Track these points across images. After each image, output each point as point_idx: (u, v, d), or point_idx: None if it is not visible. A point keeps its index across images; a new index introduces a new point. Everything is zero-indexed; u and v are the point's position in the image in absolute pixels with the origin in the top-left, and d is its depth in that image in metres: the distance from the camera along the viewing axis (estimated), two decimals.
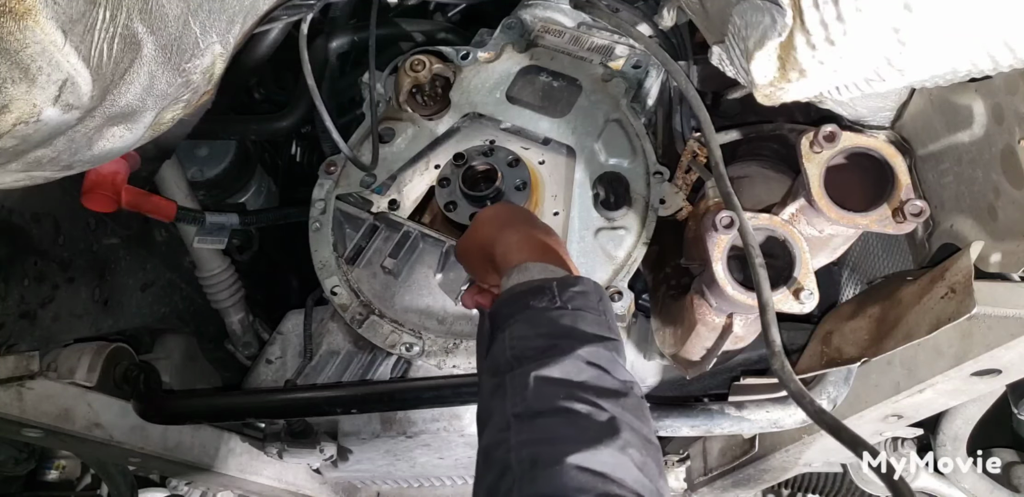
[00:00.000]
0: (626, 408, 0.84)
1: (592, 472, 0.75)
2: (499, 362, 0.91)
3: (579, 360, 0.87)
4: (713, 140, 1.12)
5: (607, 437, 0.79)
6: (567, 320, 0.92)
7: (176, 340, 1.92)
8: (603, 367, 0.88)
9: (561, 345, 0.89)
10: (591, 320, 0.94)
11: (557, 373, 0.85)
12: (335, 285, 1.46)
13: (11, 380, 1.32)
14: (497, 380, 0.89)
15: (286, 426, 1.55)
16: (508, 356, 0.90)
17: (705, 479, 1.88)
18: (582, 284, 0.98)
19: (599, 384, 0.85)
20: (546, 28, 1.55)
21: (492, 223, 1.16)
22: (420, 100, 1.53)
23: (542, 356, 0.87)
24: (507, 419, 0.83)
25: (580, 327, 0.92)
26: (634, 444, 0.80)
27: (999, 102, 1.01)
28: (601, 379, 0.86)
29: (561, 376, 0.85)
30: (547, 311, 0.93)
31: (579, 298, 0.95)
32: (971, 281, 1.01)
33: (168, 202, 1.55)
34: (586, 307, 0.95)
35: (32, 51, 0.74)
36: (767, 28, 0.85)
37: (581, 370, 0.86)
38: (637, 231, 1.38)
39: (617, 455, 0.78)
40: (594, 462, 0.76)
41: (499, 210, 1.23)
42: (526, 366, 0.87)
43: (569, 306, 0.94)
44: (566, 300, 0.94)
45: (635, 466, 0.78)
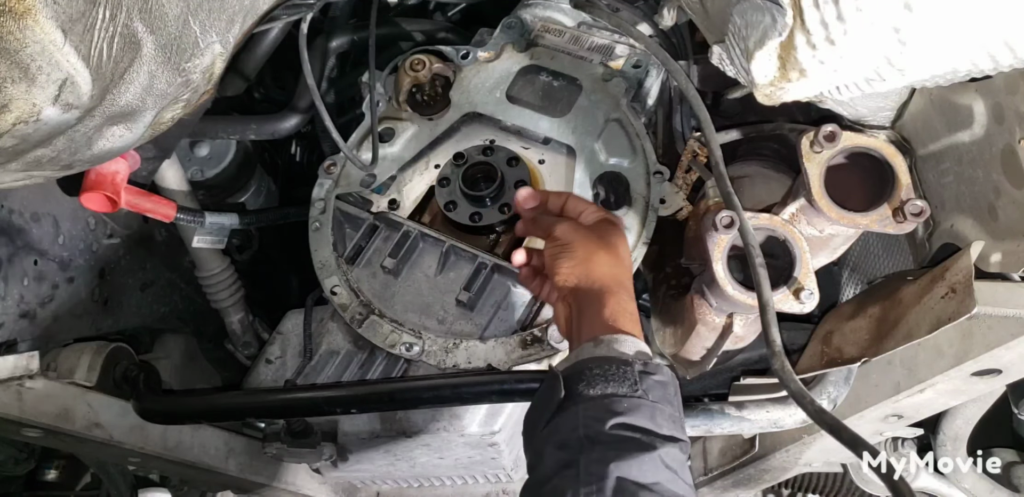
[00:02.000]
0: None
1: None
2: (569, 437, 0.90)
3: (658, 461, 0.86)
4: (713, 140, 1.12)
5: None
6: (646, 413, 0.91)
7: (176, 340, 1.92)
8: (676, 471, 0.88)
9: (641, 441, 0.88)
10: (668, 416, 0.93)
11: (635, 472, 0.84)
12: (335, 285, 1.46)
13: (11, 380, 1.32)
14: (567, 456, 0.88)
15: (286, 426, 1.55)
16: (581, 434, 0.89)
17: (705, 479, 1.88)
18: (662, 374, 0.96)
19: (672, 489, 0.85)
20: (546, 27, 1.54)
21: (612, 268, 1.09)
22: (420, 100, 1.52)
23: (620, 447, 0.87)
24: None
25: (659, 423, 0.91)
26: None
27: (999, 102, 1.01)
28: (674, 483, 0.86)
29: (639, 477, 0.84)
30: (627, 398, 0.92)
31: (658, 389, 0.94)
32: (971, 281, 1.01)
33: (168, 202, 1.55)
34: (664, 400, 0.94)
35: (32, 50, 0.74)
36: (767, 28, 0.85)
37: (658, 471, 0.86)
38: (637, 231, 1.38)
39: None
40: None
41: (619, 252, 1.13)
42: (601, 453, 0.86)
43: (649, 396, 0.92)
44: (647, 389, 0.93)
45: None
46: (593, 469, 0.85)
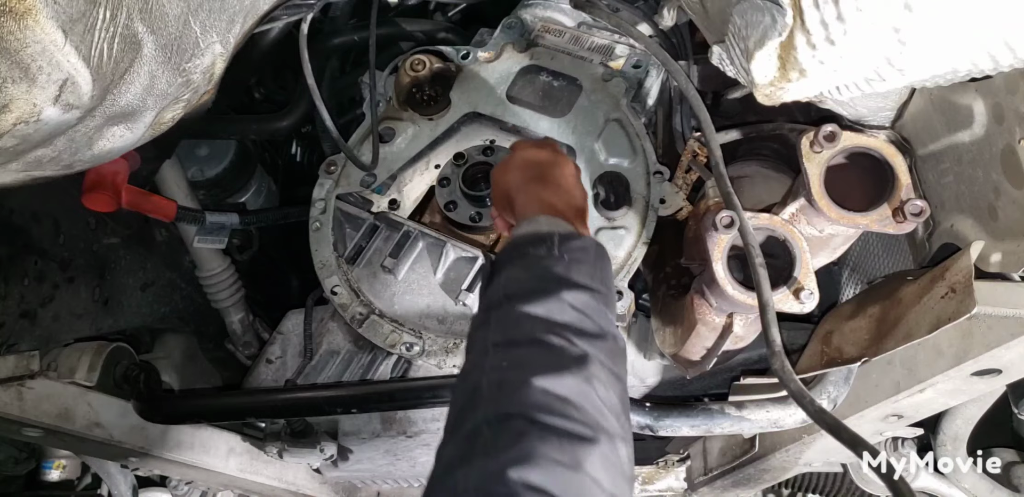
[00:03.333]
0: (600, 349, 0.88)
1: (555, 395, 0.79)
2: (491, 300, 0.96)
3: (564, 303, 0.90)
4: (713, 140, 1.12)
5: (574, 367, 0.83)
6: (560, 268, 0.95)
7: (176, 340, 1.92)
8: (586, 313, 0.91)
9: (549, 287, 0.92)
10: (584, 271, 0.97)
11: (540, 311, 0.89)
12: (335, 285, 1.46)
13: (11, 380, 1.32)
14: (485, 316, 0.94)
15: (286, 426, 1.55)
16: (500, 295, 0.94)
17: (705, 479, 1.88)
18: (583, 241, 1.01)
19: (579, 326, 0.89)
20: (546, 28, 1.55)
21: (526, 170, 1.18)
22: (420, 100, 1.52)
23: (529, 294, 0.91)
24: (486, 347, 0.88)
25: (572, 275, 0.95)
26: (601, 379, 0.84)
27: (999, 102, 1.01)
28: (582, 322, 0.89)
29: (544, 314, 0.89)
30: (543, 259, 0.97)
31: (578, 252, 0.98)
32: (971, 281, 1.01)
33: (168, 202, 1.55)
34: (583, 260, 0.98)
35: (32, 51, 0.74)
36: (767, 28, 0.85)
37: (564, 311, 0.90)
38: (637, 231, 1.38)
39: (582, 384, 0.81)
40: (558, 386, 0.80)
41: (539, 156, 1.21)
42: (513, 302, 0.91)
43: (566, 257, 0.97)
44: (563, 251, 0.98)
45: (598, 398, 0.81)
46: (501, 316, 0.91)
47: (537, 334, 0.87)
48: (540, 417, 0.76)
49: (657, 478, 2.01)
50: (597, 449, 0.75)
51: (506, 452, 0.72)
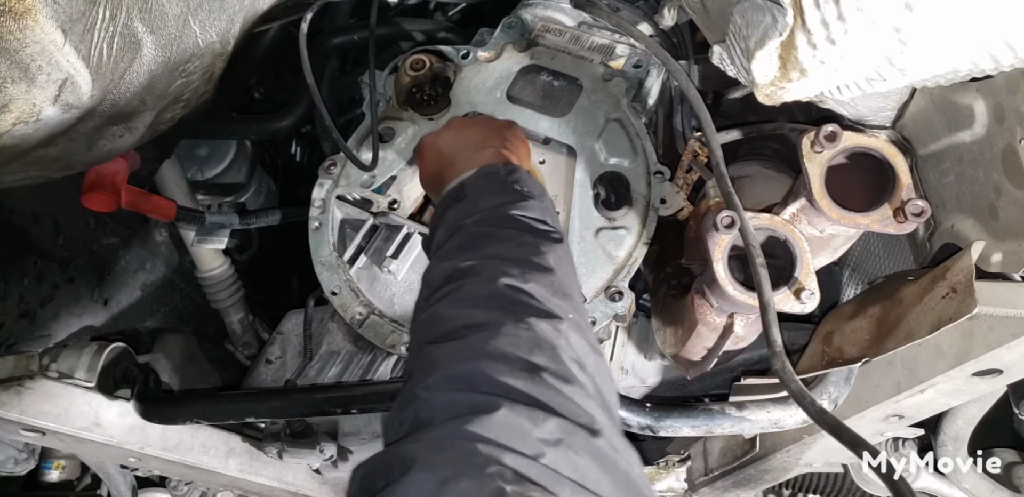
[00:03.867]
0: (526, 246, 0.96)
1: (461, 311, 0.84)
2: (458, 222, 1.02)
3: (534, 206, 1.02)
4: (714, 140, 1.12)
5: (483, 276, 0.88)
6: (503, 185, 1.06)
7: (176, 340, 1.92)
8: (544, 220, 1.02)
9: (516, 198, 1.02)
10: (530, 183, 1.08)
11: (518, 210, 0.99)
12: (335, 285, 1.46)
13: (11, 380, 1.32)
14: (450, 232, 1.01)
15: (286, 426, 1.55)
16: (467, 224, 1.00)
17: (706, 479, 1.88)
18: (520, 170, 1.10)
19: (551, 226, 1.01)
20: (546, 27, 1.54)
21: (464, 134, 1.23)
22: (420, 99, 1.52)
23: (506, 203, 1.00)
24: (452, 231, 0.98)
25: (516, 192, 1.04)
26: (511, 274, 0.88)
27: (1000, 101, 1.01)
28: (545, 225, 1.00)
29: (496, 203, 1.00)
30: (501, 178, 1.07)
31: (528, 180, 1.09)
32: (972, 281, 1.01)
33: (168, 202, 1.55)
34: (526, 182, 1.08)
35: (32, 50, 0.74)
36: (768, 27, 0.85)
37: (541, 213, 1.01)
38: (638, 231, 1.38)
39: (486, 286, 0.87)
40: (466, 303, 0.85)
41: (474, 121, 1.27)
42: (469, 231, 0.98)
43: (509, 178, 1.07)
44: (517, 182, 1.07)
45: (512, 289, 0.86)
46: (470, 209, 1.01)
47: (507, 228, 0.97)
48: (441, 333, 0.83)
49: (657, 479, 2.01)
50: (498, 332, 0.79)
51: (413, 378, 0.78)
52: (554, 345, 0.79)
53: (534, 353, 0.77)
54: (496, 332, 0.78)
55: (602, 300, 1.34)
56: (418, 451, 0.65)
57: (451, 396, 0.72)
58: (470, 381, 0.73)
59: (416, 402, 0.72)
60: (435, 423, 0.69)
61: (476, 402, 0.70)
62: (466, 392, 0.72)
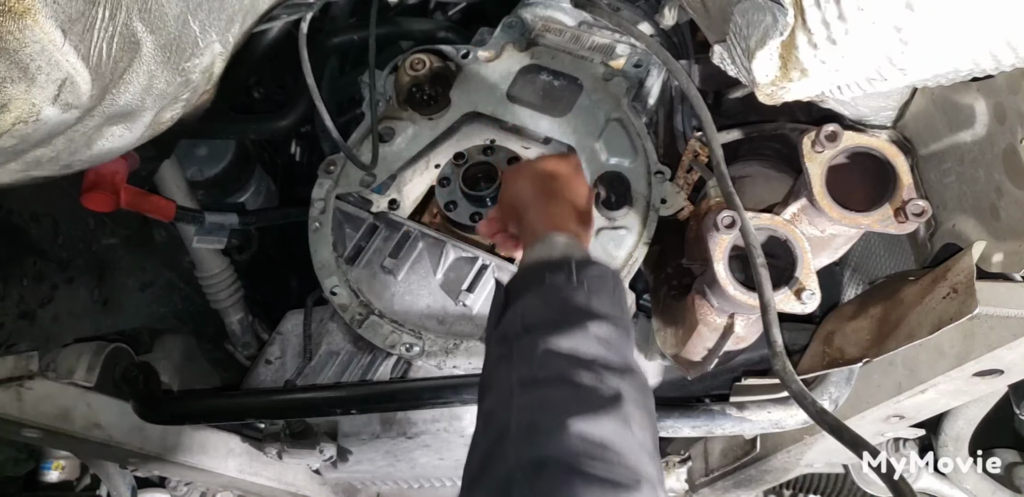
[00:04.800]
0: (631, 385, 0.84)
1: (592, 439, 0.75)
2: (508, 332, 0.91)
3: (588, 335, 0.86)
4: (715, 139, 1.12)
5: (610, 407, 0.79)
6: (581, 297, 0.92)
7: (175, 340, 1.91)
8: (612, 345, 0.88)
9: (571, 319, 0.88)
10: (605, 300, 0.93)
11: (565, 345, 0.85)
12: (335, 285, 1.46)
13: (10, 380, 1.32)
14: (504, 348, 0.89)
15: (285, 426, 1.54)
16: (519, 326, 0.90)
17: (706, 480, 1.88)
18: (601, 268, 0.98)
19: (606, 360, 0.85)
20: (547, 27, 1.54)
21: (541, 181, 1.15)
22: (420, 99, 1.52)
23: (552, 327, 0.87)
24: (511, 385, 0.83)
25: (593, 305, 0.91)
26: (636, 419, 0.80)
27: (1001, 101, 1.01)
28: (609, 356, 0.86)
29: (569, 348, 0.84)
30: (562, 287, 0.93)
31: (596, 280, 0.95)
32: (973, 281, 1.01)
33: (167, 202, 1.55)
34: (602, 289, 0.95)
35: (31, 50, 0.74)
36: (769, 27, 0.84)
37: (590, 345, 0.86)
38: (638, 231, 1.37)
39: (619, 427, 0.77)
40: (596, 430, 0.75)
41: (558, 169, 1.18)
42: (534, 335, 0.87)
43: (585, 284, 0.93)
44: (582, 279, 0.94)
45: (635, 441, 0.77)
46: (524, 350, 0.86)
47: (565, 371, 0.82)
48: (579, 464, 0.72)
49: None
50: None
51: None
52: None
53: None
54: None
55: None
56: None
57: None
58: None
59: None
60: None
61: None
62: None
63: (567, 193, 1.13)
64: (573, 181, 1.17)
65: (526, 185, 1.15)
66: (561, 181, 1.15)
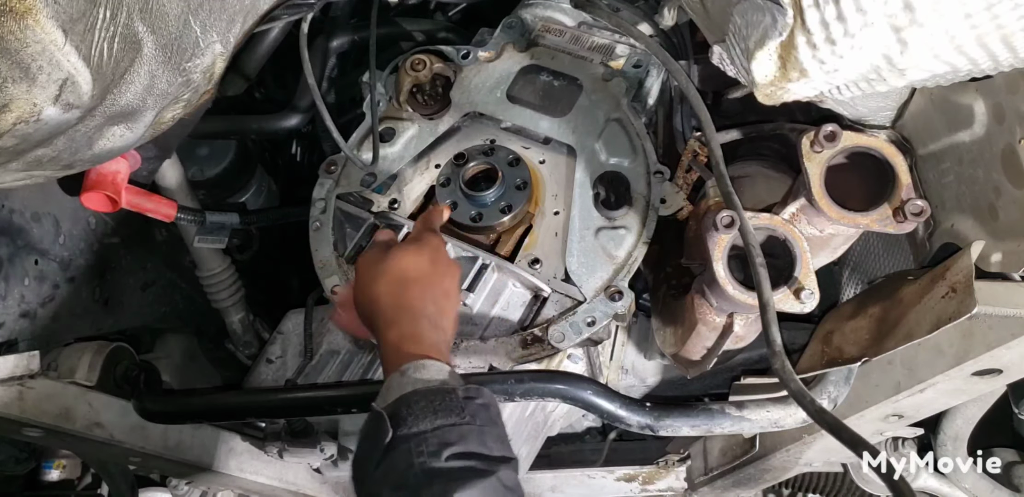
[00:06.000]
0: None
1: None
2: (406, 475, 0.88)
3: (497, 485, 0.87)
4: (714, 139, 1.12)
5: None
6: (475, 438, 0.91)
7: (176, 339, 1.92)
8: (513, 490, 0.89)
9: (477, 468, 0.88)
10: (496, 437, 0.94)
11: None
12: (335, 284, 1.46)
13: (11, 379, 1.32)
14: (407, 495, 0.87)
15: (286, 425, 1.55)
16: (417, 470, 0.88)
17: (706, 479, 1.88)
18: (483, 397, 0.97)
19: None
20: (547, 27, 1.54)
21: (393, 290, 1.12)
22: (420, 99, 1.52)
23: (459, 476, 0.87)
24: None
25: (490, 446, 0.92)
26: None
27: (1000, 101, 1.01)
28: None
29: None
30: (456, 427, 0.91)
31: (482, 413, 0.95)
32: (972, 281, 1.01)
33: (168, 201, 1.55)
34: (489, 422, 0.95)
35: (32, 50, 0.74)
36: (768, 27, 0.85)
37: (498, 495, 0.87)
38: (638, 230, 1.38)
39: None
40: None
41: (407, 267, 1.15)
42: (442, 486, 0.86)
43: (476, 421, 0.93)
44: (472, 414, 0.94)
45: None
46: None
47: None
48: None
49: (657, 478, 2.01)
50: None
51: None
52: None
53: None
54: None
55: (602, 299, 1.34)
56: None
57: None
58: None
59: None
60: None
61: None
62: None
63: (426, 301, 1.12)
64: (432, 279, 1.14)
65: (380, 291, 1.12)
66: (416, 286, 1.13)
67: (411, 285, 1.13)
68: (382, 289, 1.13)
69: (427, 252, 1.18)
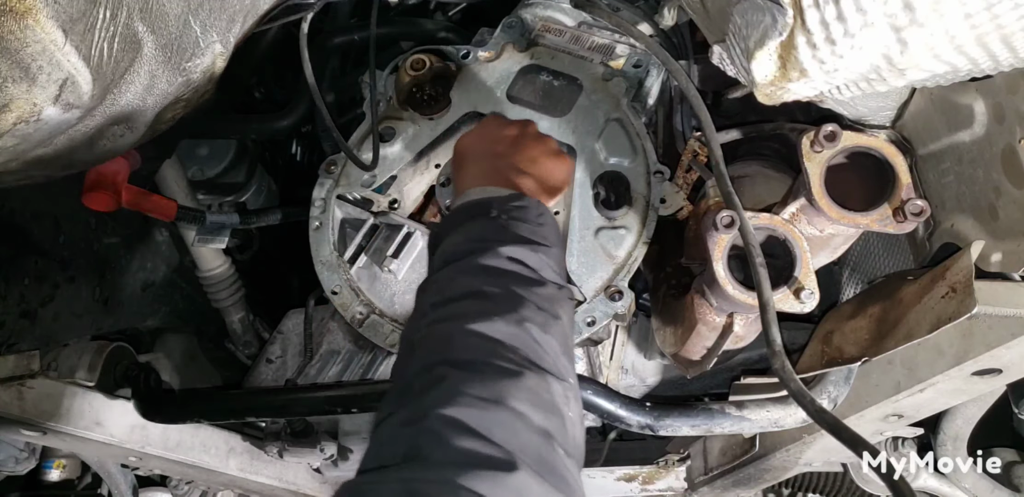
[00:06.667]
0: (539, 294, 0.87)
1: (483, 337, 0.78)
2: (433, 268, 0.96)
3: (500, 256, 0.90)
4: (714, 139, 1.12)
5: (506, 311, 0.82)
6: (496, 226, 0.95)
7: (176, 339, 1.92)
8: (526, 264, 0.90)
9: (485, 245, 0.92)
10: (524, 228, 0.96)
11: (473, 264, 0.88)
12: (335, 284, 1.46)
13: (12, 379, 1.33)
14: (426, 283, 0.94)
15: (286, 425, 1.55)
16: (440, 261, 0.94)
17: (705, 478, 1.88)
18: (523, 200, 1.01)
19: (516, 274, 0.88)
20: (547, 27, 1.54)
21: (489, 143, 1.18)
22: (421, 99, 1.52)
23: (465, 254, 0.91)
24: (424, 309, 0.87)
25: (508, 231, 0.94)
26: (536, 321, 0.83)
27: (1000, 101, 1.01)
28: (520, 272, 0.89)
29: (477, 267, 0.88)
30: (481, 220, 0.96)
31: (516, 211, 0.98)
32: (972, 280, 1.01)
33: (168, 201, 1.55)
34: (523, 218, 0.98)
35: (32, 50, 0.74)
36: (768, 27, 0.85)
37: (500, 263, 0.89)
38: (638, 230, 1.38)
39: (513, 327, 0.81)
40: (489, 330, 0.79)
41: (504, 132, 1.22)
42: (451, 265, 0.91)
43: (503, 216, 0.96)
44: (503, 212, 0.97)
45: (532, 339, 0.80)
46: (440, 279, 0.91)
47: (473, 286, 0.86)
48: (463, 359, 0.76)
49: (657, 478, 2.01)
50: (522, 383, 0.74)
51: (428, 395, 0.71)
52: (562, 414, 0.75)
53: (549, 418, 0.72)
54: (519, 383, 0.74)
55: (602, 299, 1.34)
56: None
57: (466, 441, 0.65)
58: (488, 428, 0.67)
59: (425, 431, 0.66)
60: (435, 463, 0.63)
61: (492, 456, 0.64)
62: (482, 440, 0.65)
63: (513, 152, 1.16)
64: (523, 144, 1.19)
65: (474, 144, 1.19)
66: (506, 142, 1.18)
67: (499, 141, 1.19)
68: (473, 143, 1.21)
69: (521, 125, 1.25)
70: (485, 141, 1.19)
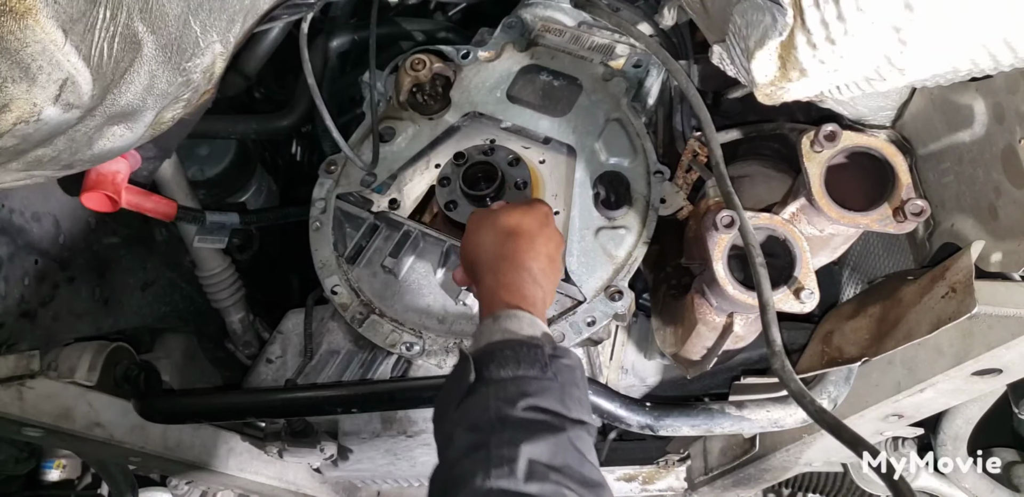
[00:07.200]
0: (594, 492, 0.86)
1: None
2: (479, 419, 0.89)
3: (567, 443, 0.87)
4: (714, 139, 1.12)
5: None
6: (555, 395, 0.91)
7: (176, 339, 1.92)
8: (584, 453, 0.88)
9: (551, 423, 0.88)
10: (576, 399, 0.94)
11: (545, 453, 0.84)
12: (335, 284, 1.46)
13: (11, 379, 1.32)
14: (477, 438, 0.87)
15: (286, 425, 1.55)
16: (491, 416, 0.88)
17: (706, 478, 1.88)
18: (569, 358, 0.97)
19: (581, 471, 0.86)
20: (547, 27, 1.54)
21: (499, 241, 1.12)
22: (420, 99, 1.52)
23: (530, 428, 0.87)
24: (488, 487, 0.82)
25: (568, 406, 0.91)
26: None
27: (1000, 101, 1.01)
28: (583, 465, 0.87)
29: (549, 458, 0.84)
30: (537, 380, 0.92)
31: (567, 372, 0.95)
32: (972, 280, 1.01)
33: (168, 201, 1.55)
34: (571, 383, 0.95)
35: (32, 50, 0.74)
36: (768, 27, 0.85)
37: (567, 453, 0.86)
38: (638, 230, 1.38)
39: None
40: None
41: (519, 223, 1.15)
42: (512, 434, 0.86)
43: (558, 379, 0.93)
44: (556, 372, 0.94)
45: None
46: (504, 451, 0.84)
47: (549, 486, 0.82)
48: None
49: (657, 478, 2.01)
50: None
51: None
52: None
53: None
54: None
55: (602, 299, 1.34)
56: None
57: None
58: None
59: None
60: None
61: None
62: None
63: (528, 256, 1.11)
64: (538, 238, 1.14)
65: (485, 241, 1.14)
66: (523, 240, 1.13)
67: (517, 238, 1.13)
68: (488, 238, 1.14)
69: (537, 214, 1.19)
70: (504, 237, 1.13)
